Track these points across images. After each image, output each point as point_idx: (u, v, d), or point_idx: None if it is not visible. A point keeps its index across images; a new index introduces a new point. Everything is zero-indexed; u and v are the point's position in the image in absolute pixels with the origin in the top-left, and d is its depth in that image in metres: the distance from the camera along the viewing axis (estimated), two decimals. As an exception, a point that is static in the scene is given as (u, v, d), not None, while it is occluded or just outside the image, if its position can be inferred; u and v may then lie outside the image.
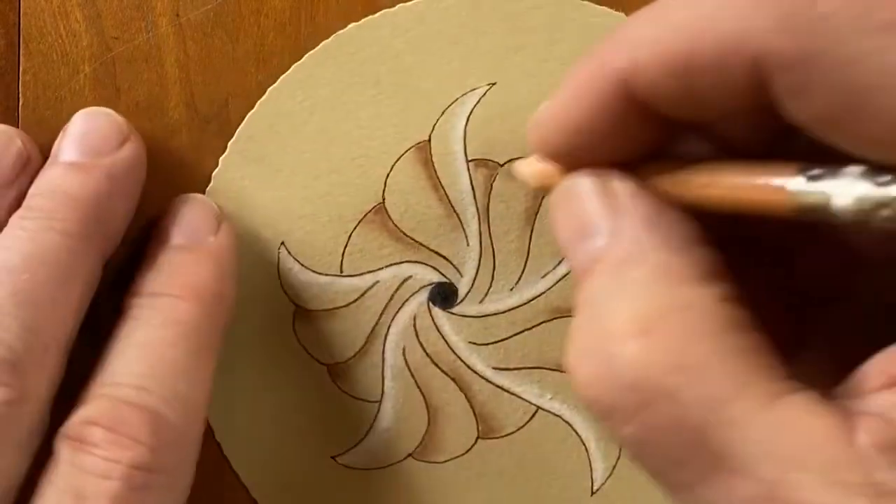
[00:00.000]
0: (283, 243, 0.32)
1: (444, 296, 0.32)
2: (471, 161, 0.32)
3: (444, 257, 0.32)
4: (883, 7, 0.18)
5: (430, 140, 0.32)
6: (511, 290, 0.32)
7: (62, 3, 0.31)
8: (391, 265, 0.32)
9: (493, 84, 0.31)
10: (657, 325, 0.21)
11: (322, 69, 0.31)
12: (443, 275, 0.32)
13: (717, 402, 0.20)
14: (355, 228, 0.32)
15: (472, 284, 0.32)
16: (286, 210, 0.31)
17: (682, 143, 0.24)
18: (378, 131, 0.31)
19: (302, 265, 0.32)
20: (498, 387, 0.32)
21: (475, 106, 0.31)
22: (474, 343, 0.32)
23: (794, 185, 0.20)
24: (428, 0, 0.31)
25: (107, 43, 0.31)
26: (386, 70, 0.31)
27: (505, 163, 0.32)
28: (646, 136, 0.23)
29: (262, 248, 0.32)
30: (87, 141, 0.29)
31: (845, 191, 0.20)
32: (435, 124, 0.31)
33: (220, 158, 0.31)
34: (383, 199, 0.32)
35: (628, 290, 0.21)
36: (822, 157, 0.20)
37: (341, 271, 0.32)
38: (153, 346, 0.28)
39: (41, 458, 0.27)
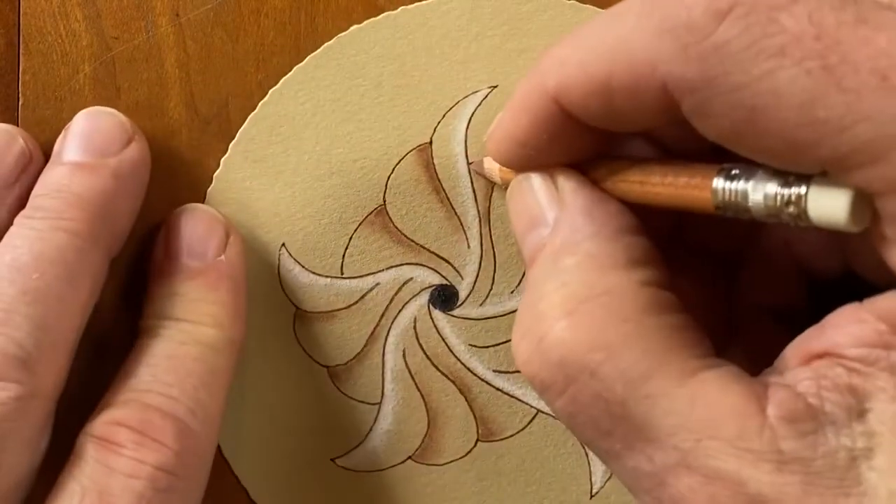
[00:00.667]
0: (283, 245, 0.31)
1: (444, 298, 0.32)
2: (472, 163, 0.32)
3: (445, 259, 0.32)
4: (770, 35, 0.20)
5: (431, 142, 0.32)
6: (512, 292, 0.32)
7: (62, 3, 0.31)
8: (392, 267, 0.32)
9: (495, 87, 0.31)
10: (581, 307, 0.23)
11: (324, 71, 0.31)
12: (443, 277, 0.32)
13: (636, 377, 0.21)
14: (356, 230, 0.32)
15: (473, 287, 0.32)
16: (287, 211, 0.31)
17: (630, 144, 0.27)
18: (379, 133, 0.31)
19: (303, 267, 0.32)
20: (498, 389, 0.32)
21: (476, 109, 0.31)
22: (475, 346, 0.32)
23: (714, 183, 0.22)
24: (430, 2, 0.31)
25: (107, 43, 0.31)
26: (388, 72, 0.31)
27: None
28: (584, 143, 0.25)
29: (263, 250, 0.31)
30: (92, 141, 0.29)
31: (758, 189, 0.22)
32: (436, 127, 0.31)
33: (222, 159, 0.31)
34: (384, 201, 0.32)
35: (560, 275, 0.23)
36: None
37: (342, 273, 0.32)
38: (180, 359, 0.28)
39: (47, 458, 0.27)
